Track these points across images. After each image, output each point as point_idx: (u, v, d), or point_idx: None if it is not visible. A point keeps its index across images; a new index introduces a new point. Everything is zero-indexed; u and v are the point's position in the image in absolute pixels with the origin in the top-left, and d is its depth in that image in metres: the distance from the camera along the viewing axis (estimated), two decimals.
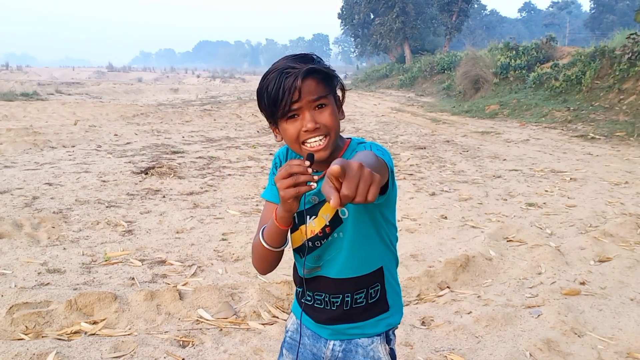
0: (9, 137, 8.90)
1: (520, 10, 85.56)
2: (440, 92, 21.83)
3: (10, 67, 44.70)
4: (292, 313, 1.41)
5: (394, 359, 1.31)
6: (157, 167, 6.81)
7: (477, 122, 13.79)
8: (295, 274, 1.35)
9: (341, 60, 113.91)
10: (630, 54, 13.27)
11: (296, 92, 1.09)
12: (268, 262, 1.26)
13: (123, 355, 2.50)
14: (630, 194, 5.94)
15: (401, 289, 1.39)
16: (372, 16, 39.50)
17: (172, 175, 6.59)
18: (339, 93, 1.22)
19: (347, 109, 1.73)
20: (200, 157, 7.99)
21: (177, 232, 4.47)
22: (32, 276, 3.38)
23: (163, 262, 3.77)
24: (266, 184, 1.38)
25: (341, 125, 1.21)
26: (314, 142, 1.14)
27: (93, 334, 2.70)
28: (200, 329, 2.82)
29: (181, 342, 2.68)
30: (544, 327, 2.90)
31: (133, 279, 3.42)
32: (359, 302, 1.26)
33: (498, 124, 13.14)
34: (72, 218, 4.70)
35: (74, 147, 8.63)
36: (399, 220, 4.95)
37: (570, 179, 6.79)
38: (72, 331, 2.71)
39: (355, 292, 1.25)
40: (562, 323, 2.91)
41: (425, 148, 9.37)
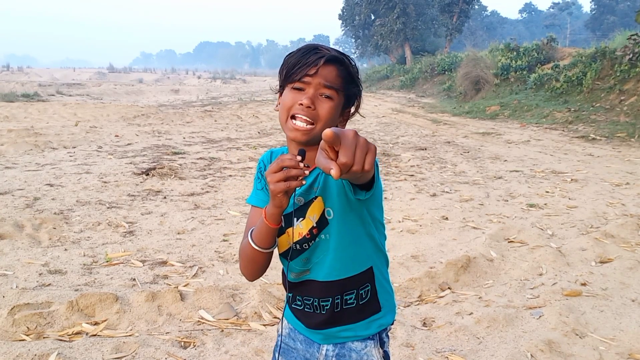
0: (10, 138, 8.91)
1: (521, 11, 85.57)
2: (441, 93, 21.83)
3: (12, 68, 44.71)
4: (284, 318, 1.38)
5: None
6: (158, 168, 6.82)
7: (478, 123, 13.79)
8: (285, 280, 1.32)
9: None
10: (631, 55, 13.27)
11: (314, 68, 1.13)
12: (257, 265, 1.23)
13: (124, 356, 2.50)
14: (631, 195, 5.93)
15: (401, 289, 1.38)
16: (372, 17, 39.48)
17: (173, 176, 6.60)
18: (352, 109, 1.24)
19: None
20: (201, 158, 7.99)
21: (178, 233, 4.47)
22: (33, 277, 3.38)
23: (164, 263, 3.78)
24: None
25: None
26: (300, 123, 1.14)
27: (94, 335, 2.70)
28: (202, 329, 2.82)
29: (182, 343, 2.69)
30: (545, 328, 2.89)
31: (134, 279, 3.42)
32: (349, 303, 1.24)
33: (499, 125, 13.14)
34: (73, 219, 4.70)
35: (74, 148, 8.63)
36: (400, 221, 4.95)
37: (571, 180, 6.79)
38: (74, 332, 2.72)
39: (344, 294, 1.23)
40: (563, 324, 2.91)
41: (426, 149, 9.38)
